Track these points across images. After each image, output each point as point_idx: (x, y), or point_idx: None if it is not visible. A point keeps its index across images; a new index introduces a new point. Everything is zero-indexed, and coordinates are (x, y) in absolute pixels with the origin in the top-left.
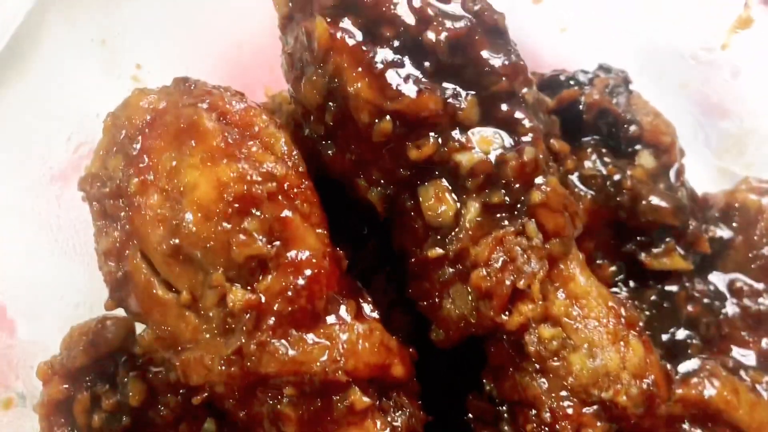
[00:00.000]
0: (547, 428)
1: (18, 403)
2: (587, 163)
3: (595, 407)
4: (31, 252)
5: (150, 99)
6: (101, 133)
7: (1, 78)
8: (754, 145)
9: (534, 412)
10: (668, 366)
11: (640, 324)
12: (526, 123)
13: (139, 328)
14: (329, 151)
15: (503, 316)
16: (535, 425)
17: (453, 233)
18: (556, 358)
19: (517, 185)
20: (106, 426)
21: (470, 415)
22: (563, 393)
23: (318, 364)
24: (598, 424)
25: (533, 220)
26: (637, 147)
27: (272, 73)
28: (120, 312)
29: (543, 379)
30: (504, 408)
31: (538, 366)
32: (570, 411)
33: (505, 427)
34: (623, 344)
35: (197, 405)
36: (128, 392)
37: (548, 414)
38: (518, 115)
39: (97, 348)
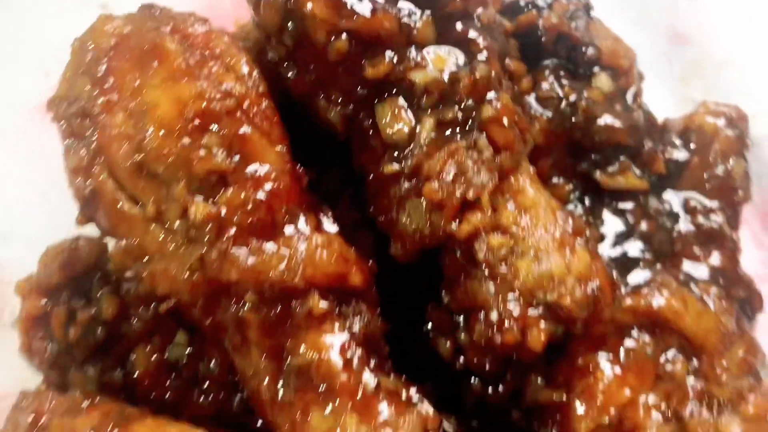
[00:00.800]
0: (495, 329)
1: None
2: (544, 85)
3: (540, 309)
4: (7, 179)
5: (115, 24)
6: (69, 58)
7: None
8: (714, 70)
9: (483, 314)
10: (615, 274)
11: (587, 233)
12: (481, 42)
13: (112, 247)
14: (290, 73)
15: (453, 226)
16: (483, 326)
17: (408, 149)
18: (504, 264)
19: (470, 101)
20: (82, 339)
21: (429, 325)
22: (510, 296)
23: (277, 271)
24: (543, 324)
25: (484, 134)
26: (595, 70)
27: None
28: (94, 232)
29: (491, 284)
30: (460, 318)
31: (487, 272)
32: (516, 312)
33: (461, 335)
34: (569, 251)
35: (168, 318)
36: (102, 306)
37: (495, 315)
38: (472, 34)
39: (72, 266)
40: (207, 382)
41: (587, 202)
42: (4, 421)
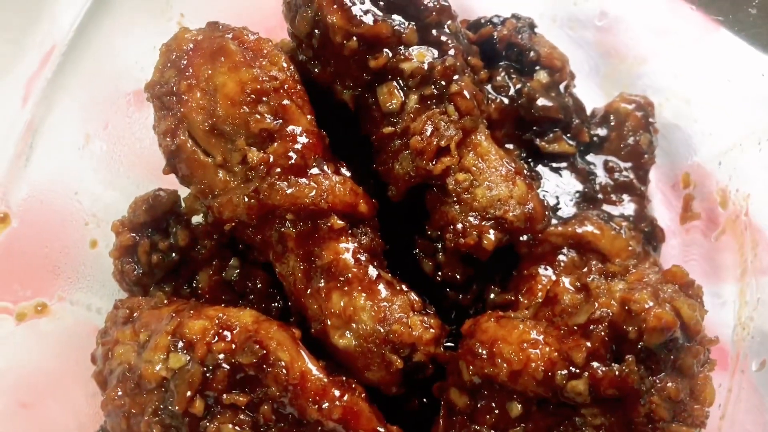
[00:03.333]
0: (460, 236)
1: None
2: (498, 78)
3: (491, 222)
4: (112, 146)
5: (191, 33)
6: (159, 56)
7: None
8: (630, 73)
9: (452, 227)
10: (546, 202)
11: (525, 172)
12: (450, 42)
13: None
14: (316, 69)
15: (431, 165)
16: (452, 235)
17: (400, 116)
18: (466, 193)
19: (442, 82)
20: (161, 263)
21: (416, 250)
22: (471, 213)
23: (308, 198)
24: (492, 232)
25: (452, 104)
26: (536, 68)
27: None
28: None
29: (458, 206)
30: (439, 245)
31: (455, 199)
32: (475, 223)
33: (439, 256)
34: (512, 183)
35: (226, 247)
36: (177, 237)
37: (461, 226)
38: (443, 38)
39: (154, 209)
40: (252, 296)
41: (531, 163)
42: (105, 319)
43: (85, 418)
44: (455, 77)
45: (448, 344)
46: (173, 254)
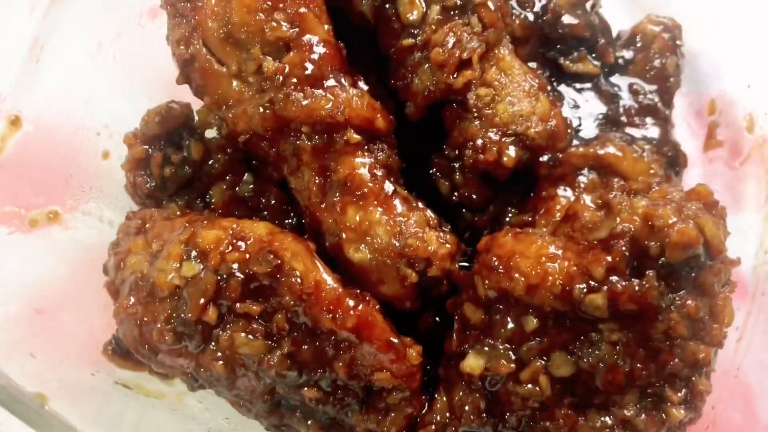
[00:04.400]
0: (480, 152)
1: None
2: None
3: (512, 138)
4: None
5: None
6: None
7: None
8: None
9: (471, 143)
10: (569, 120)
11: (548, 89)
12: None
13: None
14: None
15: (452, 79)
16: (471, 151)
17: (420, 28)
18: (488, 108)
19: None
20: (174, 175)
21: (433, 170)
22: (492, 129)
23: (324, 110)
24: (513, 148)
25: (476, 16)
26: None
27: None
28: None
29: (478, 122)
30: (456, 164)
31: (476, 114)
32: (495, 139)
33: (456, 176)
34: (535, 99)
35: (239, 162)
36: (191, 150)
37: (480, 142)
38: None
39: (167, 122)
40: (265, 212)
41: (555, 82)
42: (116, 231)
43: (98, 327)
44: None
45: (463, 264)
46: (186, 168)
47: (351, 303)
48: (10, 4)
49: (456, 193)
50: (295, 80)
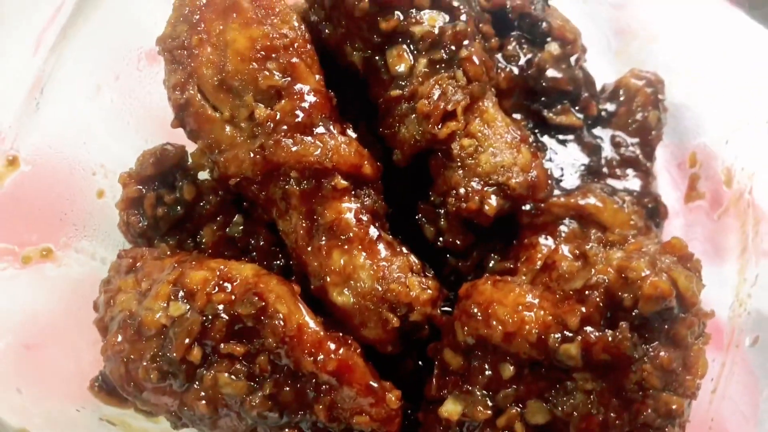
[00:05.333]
0: (463, 200)
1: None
2: (509, 48)
3: (494, 187)
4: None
5: None
6: (172, 11)
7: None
8: (641, 51)
9: (455, 192)
10: (550, 172)
11: (530, 141)
12: (461, 8)
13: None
14: (327, 30)
15: (437, 128)
16: (455, 199)
17: (408, 80)
18: (471, 158)
19: (453, 47)
20: (166, 215)
21: (419, 215)
22: (474, 179)
23: (313, 156)
24: (494, 197)
25: (461, 69)
26: (548, 40)
27: None
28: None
29: (461, 171)
30: (441, 210)
31: (459, 164)
32: (477, 188)
33: (441, 222)
34: (516, 150)
35: (230, 204)
36: (183, 191)
37: (463, 191)
38: (455, 3)
39: (162, 163)
40: (254, 253)
41: (538, 133)
42: (108, 269)
43: (85, 363)
44: (465, 42)
45: (446, 309)
46: (178, 208)
47: (332, 346)
48: (16, 43)
49: (441, 239)
50: (285, 127)
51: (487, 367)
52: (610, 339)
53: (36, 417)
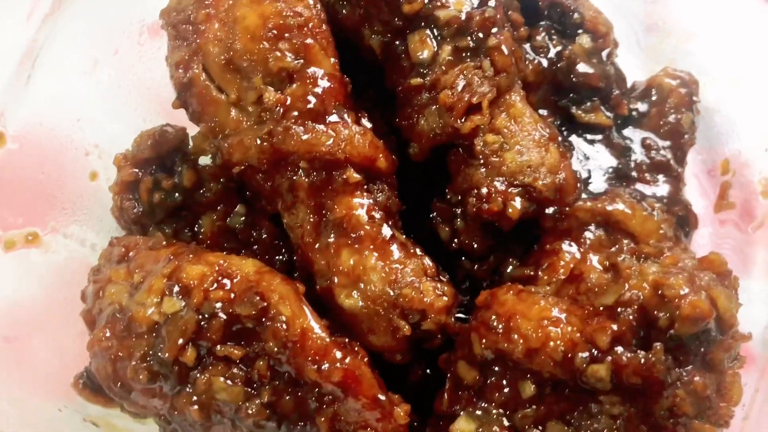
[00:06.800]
0: (484, 201)
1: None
2: (538, 38)
3: (519, 189)
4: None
5: None
6: None
7: None
8: (674, 49)
9: (475, 191)
10: (578, 173)
11: (559, 140)
12: None
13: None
14: (344, 10)
15: (459, 123)
16: (475, 199)
17: (430, 68)
18: (495, 156)
19: (480, 34)
20: (163, 202)
21: (434, 214)
22: (498, 178)
23: (324, 146)
24: (519, 200)
25: (488, 59)
26: (579, 32)
27: None
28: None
29: (484, 170)
30: (458, 210)
31: (482, 161)
32: (501, 188)
33: (458, 222)
34: (545, 150)
35: (232, 192)
36: (182, 177)
37: (485, 191)
38: None
39: (160, 145)
40: (256, 246)
41: (565, 132)
42: (98, 257)
43: (69, 357)
44: (494, 30)
45: (459, 315)
46: (176, 195)
47: (339, 355)
48: (8, 10)
49: (456, 240)
50: (296, 113)
51: (505, 383)
52: (642, 361)
53: (12, 417)
